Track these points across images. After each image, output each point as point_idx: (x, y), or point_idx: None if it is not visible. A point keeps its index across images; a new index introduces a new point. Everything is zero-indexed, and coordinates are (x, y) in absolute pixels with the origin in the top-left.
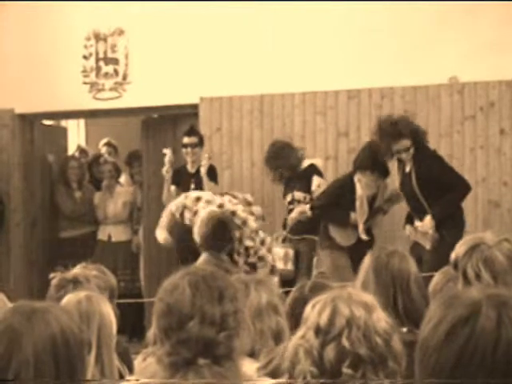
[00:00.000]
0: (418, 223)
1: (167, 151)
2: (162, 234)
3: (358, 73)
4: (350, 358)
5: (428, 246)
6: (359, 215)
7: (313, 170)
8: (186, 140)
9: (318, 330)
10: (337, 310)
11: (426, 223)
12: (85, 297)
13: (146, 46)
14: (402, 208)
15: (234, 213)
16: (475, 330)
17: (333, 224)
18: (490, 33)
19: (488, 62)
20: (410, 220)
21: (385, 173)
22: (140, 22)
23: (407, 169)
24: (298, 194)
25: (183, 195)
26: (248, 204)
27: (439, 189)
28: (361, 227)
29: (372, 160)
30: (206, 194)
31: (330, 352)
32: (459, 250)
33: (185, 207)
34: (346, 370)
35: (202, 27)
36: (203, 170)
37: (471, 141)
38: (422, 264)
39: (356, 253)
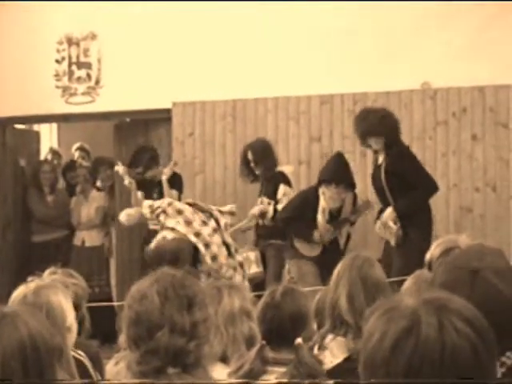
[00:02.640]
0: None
1: (118, 167)
2: (125, 213)
3: (330, 78)
4: None
5: (392, 241)
6: (322, 228)
7: (280, 177)
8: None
9: None
10: None
11: (387, 214)
12: (32, 289)
13: (118, 51)
14: (374, 213)
15: (197, 234)
16: (419, 340)
17: (296, 238)
18: (463, 39)
19: (460, 68)
20: (380, 216)
21: (351, 186)
22: (113, 27)
23: (379, 161)
24: (265, 199)
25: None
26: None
27: (405, 185)
28: (326, 239)
29: (337, 173)
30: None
31: None
32: (434, 251)
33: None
34: None
35: (174, 32)
36: (164, 178)
37: (443, 146)
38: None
39: (322, 261)
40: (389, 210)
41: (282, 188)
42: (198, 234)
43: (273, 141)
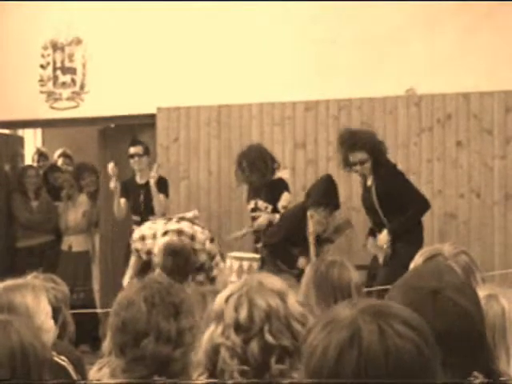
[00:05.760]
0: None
1: (110, 164)
2: (125, 281)
3: (315, 84)
4: (277, 352)
5: (380, 260)
6: (310, 249)
7: (282, 184)
8: (131, 150)
9: (238, 327)
10: (254, 303)
11: (382, 238)
12: None
13: (103, 56)
14: (359, 219)
15: (193, 237)
16: (362, 348)
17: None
18: (447, 45)
19: (445, 75)
20: (372, 233)
21: (337, 206)
22: (97, 32)
23: (368, 183)
24: (261, 203)
25: (139, 234)
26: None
27: (398, 205)
28: (312, 258)
29: (326, 196)
30: (159, 226)
31: (254, 348)
32: (418, 260)
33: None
34: (274, 366)
35: (159, 38)
36: (152, 181)
37: (428, 153)
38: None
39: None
40: (384, 234)
41: (285, 195)
42: (180, 232)
43: None
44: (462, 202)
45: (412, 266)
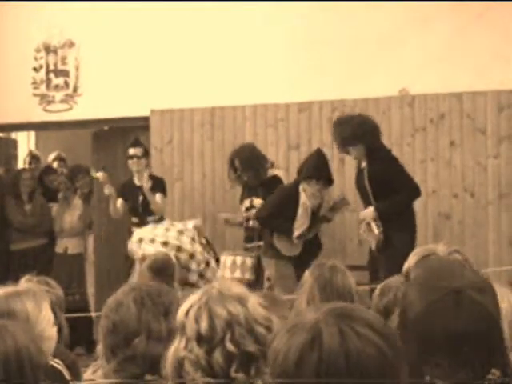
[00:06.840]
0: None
1: (99, 175)
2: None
3: (308, 85)
4: (239, 359)
5: (373, 246)
6: (299, 224)
7: (278, 181)
8: (131, 151)
9: (199, 339)
10: (214, 313)
11: (367, 211)
12: None
13: (96, 58)
14: (353, 220)
15: (192, 255)
16: (323, 351)
17: (277, 234)
18: (440, 46)
19: (438, 75)
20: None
21: (330, 182)
22: (90, 35)
23: (362, 165)
24: (257, 201)
25: (138, 236)
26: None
27: (389, 189)
28: (296, 234)
29: (318, 169)
30: (159, 232)
31: (218, 358)
32: (411, 260)
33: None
34: (234, 374)
35: (152, 40)
36: (146, 186)
37: (422, 153)
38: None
39: (300, 262)
40: (370, 209)
41: None
42: (179, 248)
43: None
44: (455, 202)
45: (406, 266)
